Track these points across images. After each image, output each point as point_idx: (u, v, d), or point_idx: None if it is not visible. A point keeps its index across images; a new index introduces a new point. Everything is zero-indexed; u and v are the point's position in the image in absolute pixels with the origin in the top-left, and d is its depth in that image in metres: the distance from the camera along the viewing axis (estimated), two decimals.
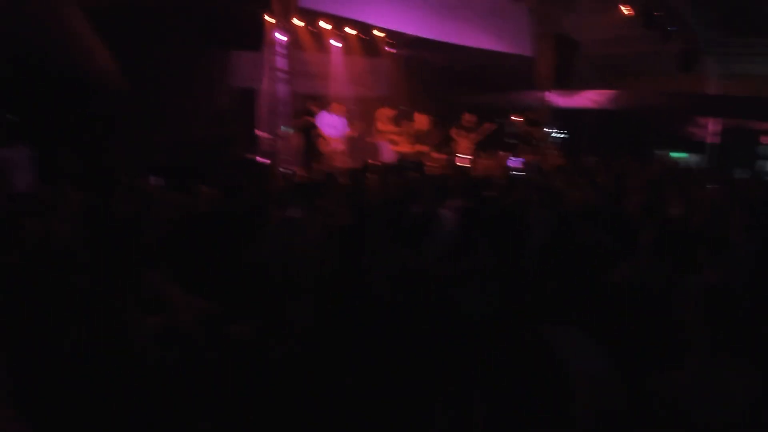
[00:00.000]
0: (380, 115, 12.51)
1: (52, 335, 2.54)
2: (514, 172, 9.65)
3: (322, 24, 13.50)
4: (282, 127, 10.26)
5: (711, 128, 15.41)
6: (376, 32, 14.55)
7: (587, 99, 16.67)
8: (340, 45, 14.65)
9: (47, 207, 4.96)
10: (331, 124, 11.25)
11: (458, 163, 11.35)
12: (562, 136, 17.32)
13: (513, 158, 11.99)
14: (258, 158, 10.60)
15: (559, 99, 14.19)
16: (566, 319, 2.53)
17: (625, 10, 11.89)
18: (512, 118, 15.33)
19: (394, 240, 3.78)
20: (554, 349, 1.53)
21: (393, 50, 15.65)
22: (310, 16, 12.26)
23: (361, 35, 14.73)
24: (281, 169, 9.66)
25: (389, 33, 14.04)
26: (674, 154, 15.82)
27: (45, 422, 2.10)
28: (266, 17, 9.86)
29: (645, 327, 3.08)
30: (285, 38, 9.74)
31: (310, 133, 10.17)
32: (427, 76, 16.04)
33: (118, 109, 9.45)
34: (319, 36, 14.20)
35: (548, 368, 1.47)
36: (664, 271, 3.67)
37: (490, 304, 3.30)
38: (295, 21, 9.89)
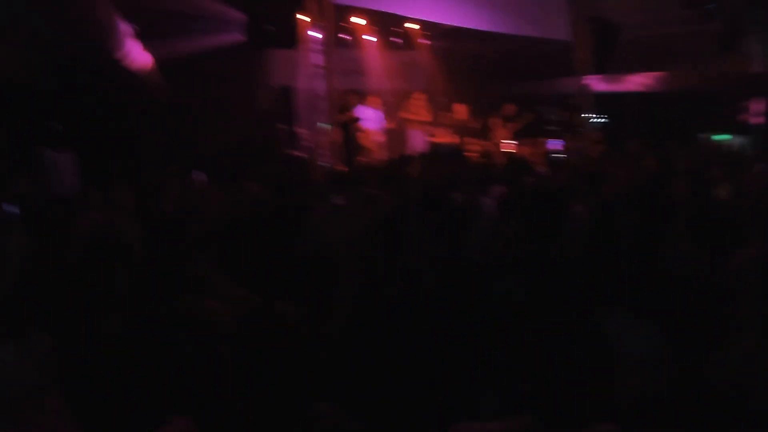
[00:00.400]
0: (414, 103, 12.50)
1: (100, 326, 2.64)
2: (555, 156, 9.54)
3: (355, 19, 13.59)
4: (319, 123, 10.39)
5: (755, 108, 14.94)
6: (409, 24, 14.58)
7: (629, 83, 16.34)
8: (374, 39, 14.72)
9: (99, 206, 5.15)
10: (370, 118, 11.33)
11: (498, 151, 11.29)
12: (604, 121, 17.04)
13: (556, 142, 11.86)
14: (298, 154, 10.77)
15: (599, 84, 13.93)
16: (616, 302, 2.51)
17: None
18: (552, 105, 15.15)
19: (436, 228, 3.80)
20: (604, 331, 1.54)
21: (428, 42, 15.65)
22: (344, 12, 12.35)
23: (395, 29, 14.78)
24: (321, 164, 9.78)
25: (423, 24, 14.03)
26: (718, 137, 15.38)
27: (91, 411, 2.17)
28: (300, 15, 9.97)
29: (695, 308, 3.04)
30: (320, 35, 9.85)
31: (349, 127, 10.25)
32: (463, 66, 15.97)
33: (162, 114, 9.73)
34: (354, 31, 14.30)
35: (598, 350, 1.48)
36: (710, 252, 3.60)
37: (532, 291, 3.30)
38: (330, 17, 9.93)
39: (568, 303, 3.23)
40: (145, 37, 9.47)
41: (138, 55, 9.27)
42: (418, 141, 12.46)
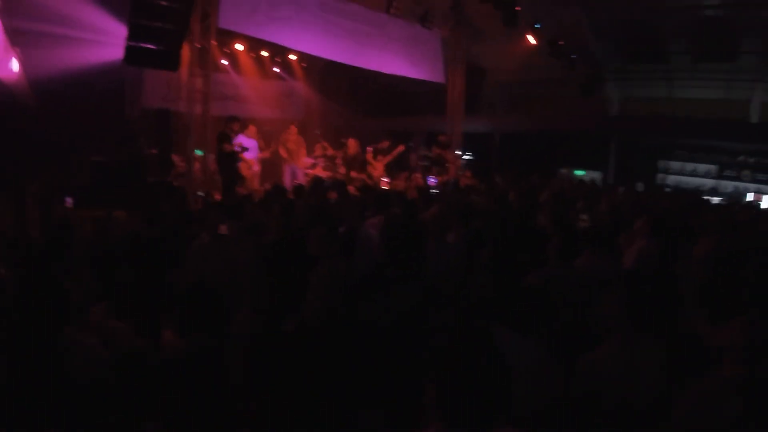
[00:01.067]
0: (291, 134, 12.62)
1: None
2: (431, 191, 9.99)
3: (238, 46, 13.52)
4: (196, 150, 10.13)
5: (612, 146, 16.65)
6: (292, 56, 14.74)
7: (494, 123, 17.60)
8: (255, 67, 14.71)
9: None
10: (246, 146, 11.21)
11: (374, 184, 11.61)
12: (471, 158, 18.13)
13: (430, 178, 12.42)
14: (173, 181, 10.39)
15: (468, 123, 14.82)
16: (500, 320, 2.75)
17: (530, 39, 12.60)
18: (425, 142, 15.93)
19: (326, 255, 3.88)
20: (498, 347, 1.70)
21: (305, 73, 15.90)
22: (228, 38, 12.25)
23: (277, 59, 14.87)
24: (198, 193, 9.52)
25: (305, 56, 14.24)
26: (577, 172, 16.91)
27: None
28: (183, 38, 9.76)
29: (567, 322, 3.38)
30: (202, 58, 9.68)
31: (230, 156, 10.06)
32: (341, 99, 16.37)
33: (28, 127, 9.04)
34: (235, 57, 14.20)
35: (493, 364, 1.64)
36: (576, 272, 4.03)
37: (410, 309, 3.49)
38: (212, 42, 9.80)
39: (456, 321, 3.45)
40: (16, 42, 8.83)
41: (5, 62, 8.61)
42: (297, 172, 12.53)
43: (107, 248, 4.62)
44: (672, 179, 15.44)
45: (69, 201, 4.78)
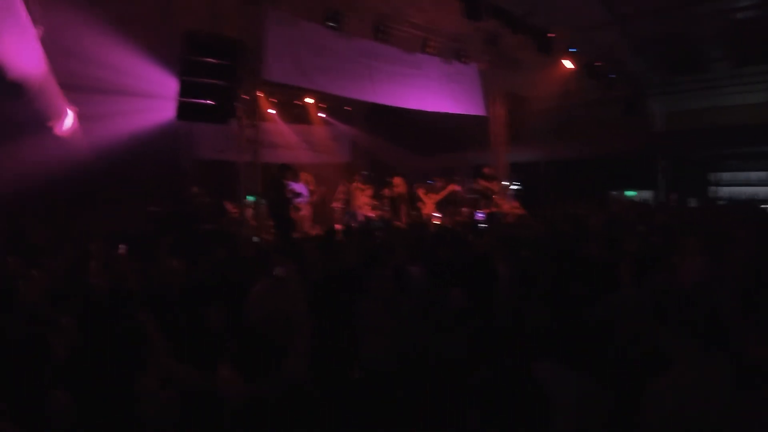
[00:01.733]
0: (354, 187, 12.86)
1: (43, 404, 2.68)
2: (479, 225, 10.02)
3: (283, 95, 14.03)
4: (248, 196, 10.50)
5: (660, 163, 16.29)
6: (336, 102, 15.18)
7: (539, 151, 17.48)
8: (302, 114, 15.22)
9: (19, 276, 5.04)
10: (298, 191, 11.55)
11: (425, 221, 11.72)
12: (518, 188, 18.03)
13: (478, 212, 12.43)
14: (227, 228, 10.75)
15: (513, 153, 14.83)
16: (546, 354, 2.76)
17: (566, 63, 12.62)
18: (470, 175, 15.97)
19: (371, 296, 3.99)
20: (541, 381, 1.75)
21: (352, 118, 16.30)
22: (274, 88, 12.75)
23: (321, 104, 15.33)
24: (253, 239, 9.81)
25: (348, 100, 14.64)
26: (628, 193, 16.60)
27: None
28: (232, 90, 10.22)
29: (627, 352, 3.35)
30: (250, 110, 10.11)
31: (277, 201, 10.38)
32: (386, 139, 16.67)
33: (86, 179, 9.58)
34: (282, 106, 14.71)
35: (535, 398, 1.69)
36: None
37: (466, 347, 3.53)
38: (259, 93, 10.25)
39: (504, 356, 3.48)
40: (71, 98, 9.43)
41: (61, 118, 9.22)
42: (357, 215, 12.72)
43: (164, 294, 4.83)
44: (725, 190, 14.95)
45: (123, 248, 5.07)
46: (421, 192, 12.89)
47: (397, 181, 12.99)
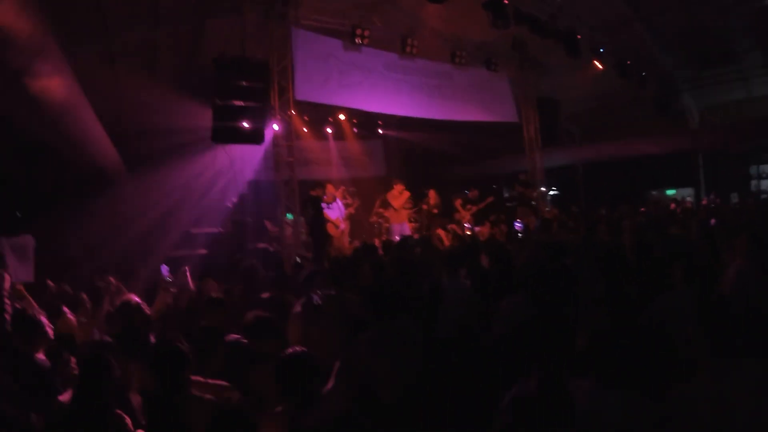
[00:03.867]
0: (392, 195, 12.80)
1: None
2: (517, 232, 9.94)
3: (316, 113, 14.21)
4: (287, 214, 10.64)
5: (699, 159, 15.93)
6: (367, 117, 15.29)
7: (574, 154, 17.28)
8: (333, 131, 15.39)
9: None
10: (331, 206, 11.65)
11: (463, 233, 11.66)
12: (555, 193, 17.83)
13: (516, 222, 12.24)
14: (268, 247, 10.92)
15: (548, 158, 14.70)
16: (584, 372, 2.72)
17: (597, 64, 12.49)
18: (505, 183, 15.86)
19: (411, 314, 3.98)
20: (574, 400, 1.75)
21: (385, 131, 16.40)
22: (306, 106, 12.93)
23: (354, 120, 15.46)
24: (297, 259, 9.90)
25: (380, 114, 14.74)
26: (669, 192, 16.27)
27: None
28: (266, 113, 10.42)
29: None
30: (285, 129, 10.26)
31: (314, 217, 10.48)
32: (419, 151, 16.71)
33: (125, 203, 9.90)
34: (315, 124, 14.91)
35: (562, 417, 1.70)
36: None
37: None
38: (293, 112, 10.39)
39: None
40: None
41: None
42: (404, 229, 12.70)
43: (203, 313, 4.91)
44: (767, 183, 14.56)
45: (165, 269, 5.21)
46: (458, 203, 12.84)
47: (431, 194, 12.96)
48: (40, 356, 3.69)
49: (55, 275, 6.59)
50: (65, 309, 4.90)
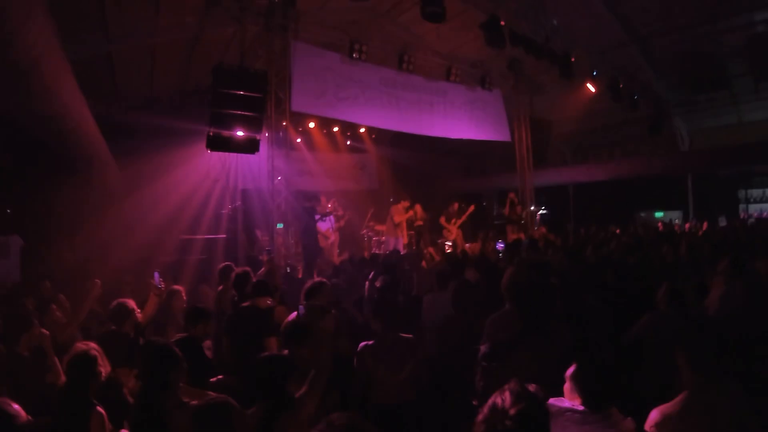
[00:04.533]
0: (397, 209, 12.85)
1: None
2: (503, 248, 9.99)
3: (310, 125, 14.32)
4: (278, 224, 10.66)
5: (688, 182, 16.12)
6: (361, 130, 15.42)
7: (565, 174, 17.45)
8: (328, 142, 15.50)
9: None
10: (324, 218, 11.71)
11: (450, 249, 11.74)
12: (547, 212, 17.95)
13: (498, 243, 12.26)
14: (259, 256, 10.91)
15: (538, 177, 14.84)
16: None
17: (590, 86, 12.66)
18: (496, 200, 15.98)
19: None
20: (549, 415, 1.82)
21: (377, 145, 16.52)
22: (301, 117, 13.01)
23: (347, 133, 15.60)
24: (287, 269, 9.92)
25: (374, 128, 14.86)
26: (657, 214, 16.43)
27: None
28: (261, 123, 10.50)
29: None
30: (277, 140, 10.33)
31: (304, 228, 10.53)
32: (411, 166, 16.82)
33: (118, 209, 9.92)
34: (309, 135, 15.01)
35: None
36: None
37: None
38: (286, 123, 10.46)
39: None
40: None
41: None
42: (399, 242, 12.74)
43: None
44: (755, 207, 14.74)
45: (156, 276, 5.24)
46: (443, 221, 12.94)
47: (417, 208, 13.03)
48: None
49: (42, 276, 6.65)
50: (53, 307, 5.07)
